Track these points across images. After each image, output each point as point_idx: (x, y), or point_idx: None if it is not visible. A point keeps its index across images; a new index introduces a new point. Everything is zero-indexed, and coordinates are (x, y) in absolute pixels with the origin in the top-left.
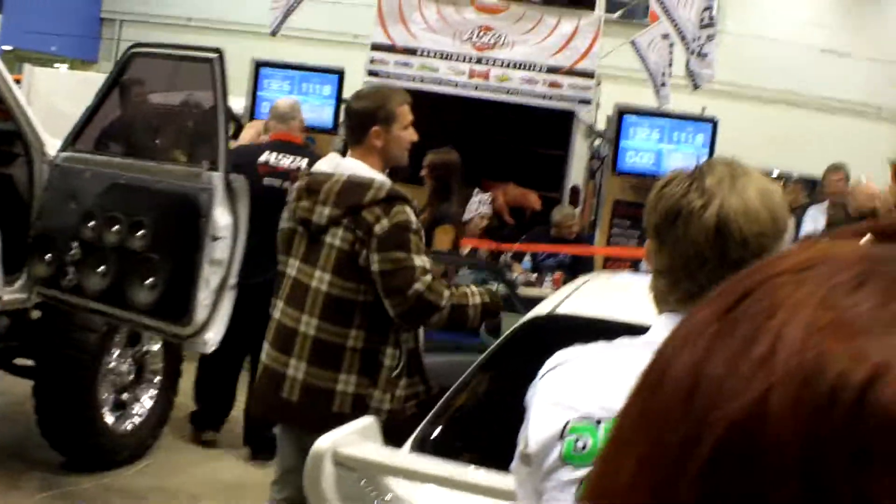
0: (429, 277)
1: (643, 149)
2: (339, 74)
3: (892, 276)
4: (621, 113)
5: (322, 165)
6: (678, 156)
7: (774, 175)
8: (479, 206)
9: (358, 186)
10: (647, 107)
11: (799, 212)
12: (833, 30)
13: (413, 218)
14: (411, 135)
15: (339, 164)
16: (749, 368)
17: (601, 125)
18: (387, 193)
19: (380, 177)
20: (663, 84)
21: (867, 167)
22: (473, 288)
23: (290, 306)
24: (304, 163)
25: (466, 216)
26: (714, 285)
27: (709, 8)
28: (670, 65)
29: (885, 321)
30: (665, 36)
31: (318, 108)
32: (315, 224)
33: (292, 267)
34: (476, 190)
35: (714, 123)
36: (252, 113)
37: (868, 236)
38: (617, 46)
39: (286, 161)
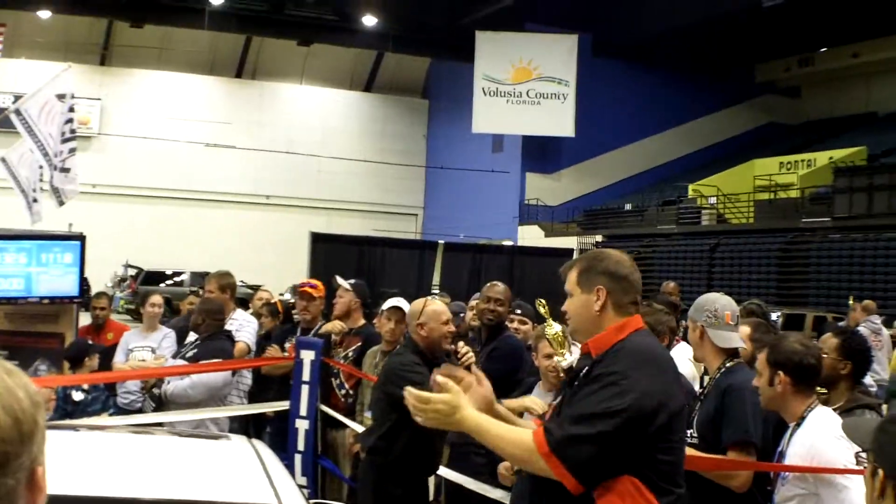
0: None
1: (13, 274)
2: None
3: None
4: None
5: None
6: (48, 277)
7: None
8: None
9: None
10: (13, 229)
11: None
12: (215, 125)
13: None
14: None
15: None
16: None
17: None
18: None
19: None
20: (35, 200)
21: (263, 251)
22: None
23: None
24: None
25: None
26: None
27: (70, 121)
28: (41, 180)
29: None
30: (33, 150)
31: None
32: None
33: None
34: None
35: (82, 240)
36: None
37: None
38: None
39: None
